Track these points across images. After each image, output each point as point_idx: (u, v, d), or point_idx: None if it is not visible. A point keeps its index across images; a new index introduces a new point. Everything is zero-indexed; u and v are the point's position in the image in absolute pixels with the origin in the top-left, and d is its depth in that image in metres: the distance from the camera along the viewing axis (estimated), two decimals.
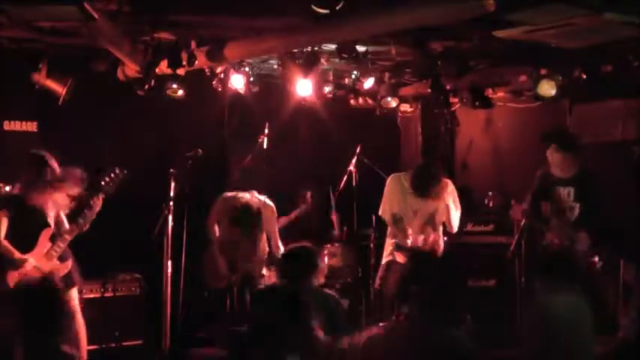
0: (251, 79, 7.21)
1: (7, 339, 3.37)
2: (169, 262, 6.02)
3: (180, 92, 6.74)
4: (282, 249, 6.30)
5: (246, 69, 7.12)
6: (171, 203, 6.00)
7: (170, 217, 5.99)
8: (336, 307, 4.38)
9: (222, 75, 7.02)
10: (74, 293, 5.47)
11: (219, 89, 7.18)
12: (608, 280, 5.77)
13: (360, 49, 6.14)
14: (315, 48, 6.18)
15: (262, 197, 6.34)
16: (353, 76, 7.59)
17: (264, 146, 7.10)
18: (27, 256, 5.29)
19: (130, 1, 5.07)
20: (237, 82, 7.12)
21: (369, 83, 7.61)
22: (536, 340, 4.08)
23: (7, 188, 5.71)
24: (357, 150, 7.53)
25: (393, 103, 8.14)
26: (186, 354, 6.34)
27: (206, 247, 6.31)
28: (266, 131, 7.14)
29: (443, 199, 6.03)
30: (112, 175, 5.53)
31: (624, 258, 5.73)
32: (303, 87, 7.10)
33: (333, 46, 6.10)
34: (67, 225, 5.47)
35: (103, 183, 5.49)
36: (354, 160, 7.50)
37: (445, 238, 6.69)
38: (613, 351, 4.29)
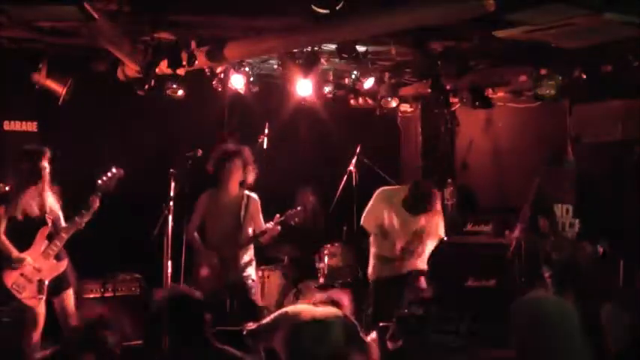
0: (251, 79, 7.21)
1: None
2: (169, 262, 6.01)
3: (180, 92, 6.75)
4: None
5: (246, 69, 7.12)
6: (171, 203, 5.99)
7: (170, 217, 5.98)
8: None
9: (222, 75, 7.02)
10: (69, 294, 5.48)
11: (219, 89, 7.18)
12: (607, 280, 5.77)
13: (360, 49, 6.13)
14: (315, 48, 6.18)
15: (246, 191, 6.27)
16: (353, 76, 7.59)
17: (264, 146, 7.09)
18: (24, 255, 5.29)
19: (130, 1, 5.07)
20: (237, 82, 7.12)
21: (369, 83, 7.61)
22: (525, 338, 4.08)
23: (8, 188, 5.70)
24: (357, 150, 7.53)
25: (393, 103, 8.14)
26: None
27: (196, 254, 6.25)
28: (266, 131, 7.14)
29: (433, 218, 6.05)
30: (109, 174, 5.54)
31: (624, 258, 5.74)
32: (303, 87, 7.10)
33: (333, 46, 6.10)
34: (63, 222, 5.47)
35: (100, 182, 5.50)
36: (354, 160, 7.50)
37: (445, 238, 6.70)
38: (615, 351, 4.28)
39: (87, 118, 6.73)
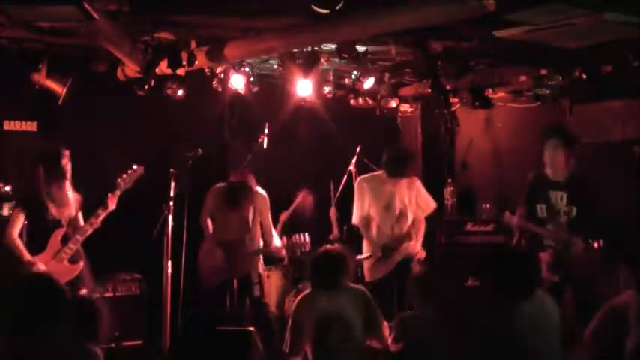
0: (251, 79, 7.21)
1: None
2: (169, 262, 6.01)
3: (180, 92, 6.74)
4: (275, 237, 6.36)
5: (246, 69, 7.12)
6: (171, 203, 6.00)
7: (170, 217, 5.99)
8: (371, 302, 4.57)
9: (222, 75, 7.03)
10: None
11: (219, 89, 7.19)
12: (606, 280, 5.76)
13: (360, 49, 6.14)
14: (315, 48, 6.18)
15: (255, 187, 6.30)
16: (353, 76, 7.59)
17: (264, 146, 7.09)
18: (36, 258, 5.22)
19: (130, 1, 5.06)
20: (237, 82, 7.12)
21: (369, 83, 7.61)
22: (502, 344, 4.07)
23: (7, 188, 5.68)
24: (357, 150, 7.52)
25: (393, 103, 8.16)
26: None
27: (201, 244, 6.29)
28: (266, 131, 7.13)
29: (412, 192, 6.13)
30: (130, 172, 5.53)
31: (623, 258, 5.72)
32: (303, 87, 7.10)
33: (333, 46, 6.10)
34: (82, 222, 5.42)
35: (119, 181, 5.48)
36: (354, 160, 7.49)
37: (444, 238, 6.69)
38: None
39: (87, 118, 6.74)
